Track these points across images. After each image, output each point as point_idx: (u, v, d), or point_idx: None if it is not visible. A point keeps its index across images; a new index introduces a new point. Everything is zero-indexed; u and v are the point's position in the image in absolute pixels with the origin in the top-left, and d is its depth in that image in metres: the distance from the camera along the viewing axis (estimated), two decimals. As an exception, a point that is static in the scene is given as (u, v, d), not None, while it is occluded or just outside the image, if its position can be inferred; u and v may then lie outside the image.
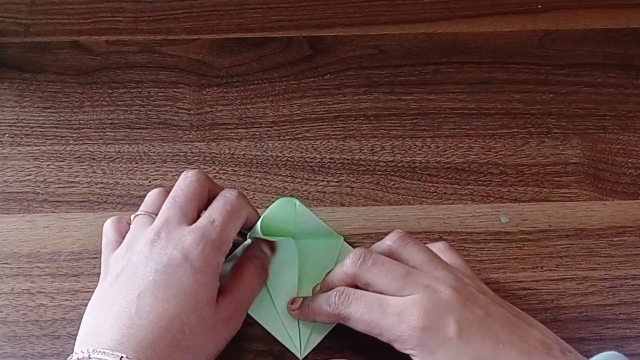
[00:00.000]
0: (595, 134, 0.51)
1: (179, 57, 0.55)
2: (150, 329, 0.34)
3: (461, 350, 0.35)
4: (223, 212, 0.39)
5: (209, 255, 0.37)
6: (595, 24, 0.57)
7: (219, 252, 0.38)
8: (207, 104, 0.52)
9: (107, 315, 0.35)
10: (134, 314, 0.35)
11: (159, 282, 0.36)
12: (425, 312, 0.35)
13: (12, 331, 0.43)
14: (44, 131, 0.51)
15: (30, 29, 0.56)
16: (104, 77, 0.53)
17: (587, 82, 0.53)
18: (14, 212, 0.47)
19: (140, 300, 0.35)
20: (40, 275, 0.45)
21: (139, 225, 0.40)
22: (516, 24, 0.56)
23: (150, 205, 0.41)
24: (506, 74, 0.54)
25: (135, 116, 0.52)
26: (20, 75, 0.53)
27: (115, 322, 0.35)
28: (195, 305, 0.36)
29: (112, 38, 0.55)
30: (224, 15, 0.57)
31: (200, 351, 0.36)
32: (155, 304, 0.35)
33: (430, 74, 0.54)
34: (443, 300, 0.36)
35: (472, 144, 0.50)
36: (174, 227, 0.38)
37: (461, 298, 0.36)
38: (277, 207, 0.41)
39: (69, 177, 0.49)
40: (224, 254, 0.39)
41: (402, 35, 0.56)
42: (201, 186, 0.40)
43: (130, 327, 0.34)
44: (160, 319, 0.35)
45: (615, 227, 0.47)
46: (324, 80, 0.54)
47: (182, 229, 0.38)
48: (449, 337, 0.35)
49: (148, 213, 0.41)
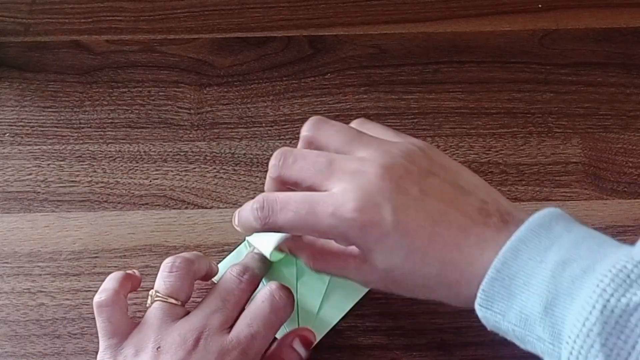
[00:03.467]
0: (595, 134, 0.51)
1: (180, 57, 0.55)
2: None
3: (397, 243, 0.33)
4: (267, 324, 0.37)
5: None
6: (595, 23, 0.57)
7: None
8: (207, 104, 0.52)
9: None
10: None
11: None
12: (357, 205, 0.32)
13: (12, 330, 0.43)
14: (44, 130, 0.51)
15: (31, 28, 0.56)
16: (105, 77, 0.53)
17: (588, 82, 0.53)
18: (14, 212, 0.47)
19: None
20: (41, 275, 0.45)
21: (159, 315, 0.37)
22: (517, 24, 0.56)
23: (170, 287, 0.38)
24: (507, 74, 0.54)
25: (136, 115, 0.52)
26: (21, 75, 0.53)
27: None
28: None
29: (112, 37, 0.55)
30: (225, 15, 0.57)
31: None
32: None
33: (431, 73, 0.54)
34: (374, 183, 0.33)
35: (472, 143, 0.50)
36: (214, 335, 0.36)
37: (392, 177, 0.33)
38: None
39: (70, 177, 0.49)
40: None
41: (402, 34, 0.56)
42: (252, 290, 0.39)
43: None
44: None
45: (616, 226, 0.47)
46: (325, 79, 0.54)
47: (223, 339, 0.36)
48: (386, 232, 0.33)
49: (167, 299, 0.38)
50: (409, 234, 0.33)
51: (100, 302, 0.37)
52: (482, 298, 0.32)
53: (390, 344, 0.42)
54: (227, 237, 0.46)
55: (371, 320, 0.43)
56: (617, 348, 0.27)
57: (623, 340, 0.27)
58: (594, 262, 0.29)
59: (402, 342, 0.42)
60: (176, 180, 0.48)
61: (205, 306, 0.37)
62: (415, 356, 0.41)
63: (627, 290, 0.28)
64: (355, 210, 0.32)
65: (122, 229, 0.46)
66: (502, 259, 0.31)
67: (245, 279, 0.39)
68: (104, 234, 0.46)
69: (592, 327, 0.28)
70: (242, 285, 0.38)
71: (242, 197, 0.48)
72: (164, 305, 0.37)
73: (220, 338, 0.36)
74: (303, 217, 0.34)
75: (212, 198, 0.48)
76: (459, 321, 0.42)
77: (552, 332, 0.30)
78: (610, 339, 0.27)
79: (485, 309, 0.32)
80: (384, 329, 0.42)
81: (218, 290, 0.38)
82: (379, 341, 0.42)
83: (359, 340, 0.42)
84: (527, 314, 0.30)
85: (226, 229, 0.46)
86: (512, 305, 0.31)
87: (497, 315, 0.32)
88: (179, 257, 0.39)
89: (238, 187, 0.48)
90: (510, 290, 0.31)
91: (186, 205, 0.47)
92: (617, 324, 0.27)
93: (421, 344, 0.42)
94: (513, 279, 0.31)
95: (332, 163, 0.34)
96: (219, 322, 0.36)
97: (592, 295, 0.28)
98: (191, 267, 0.38)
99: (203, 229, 0.46)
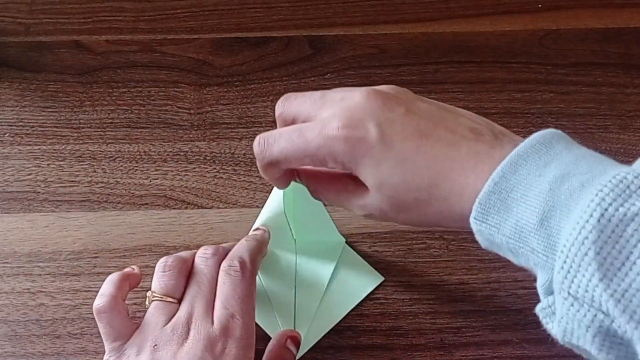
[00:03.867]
0: (596, 134, 0.51)
1: (180, 57, 0.55)
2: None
3: (384, 155, 0.33)
4: (238, 299, 0.38)
5: (239, 355, 0.36)
6: (595, 23, 0.57)
7: (249, 349, 0.37)
8: (207, 104, 0.52)
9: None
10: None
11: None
12: (343, 121, 0.33)
13: (12, 330, 0.43)
14: (44, 130, 0.51)
15: (31, 28, 0.56)
16: (105, 77, 0.53)
17: (588, 82, 0.53)
18: (14, 212, 0.47)
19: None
20: (41, 275, 0.45)
21: (157, 314, 0.38)
22: (517, 24, 0.56)
23: (165, 286, 0.39)
24: (507, 73, 0.54)
25: (136, 115, 0.52)
26: (21, 75, 0.53)
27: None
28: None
29: (112, 37, 0.55)
30: (224, 15, 0.57)
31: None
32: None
33: (431, 73, 0.54)
34: (359, 103, 0.34)
35: (472, 144, 0.50)
36: (201, 322, 0.37)
37: (378, 97, 0.34)
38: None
39: (70, 177, 0.49)
40: (252, 347, 0.38)
41: (402, 34, 0.56)
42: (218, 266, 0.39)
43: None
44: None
45: (615, 226, 0.47)
46: (325, 79, 0.54)
47: (209, 328, 0.37)
48: (371, 145, 0.33)
49: (163, 298, 0.38)
50: (395, 145, 0.33)
51: (98, 308, 0.38)
52: (478, 211, 0.31)
53: (390, 344, 0.42)
54: (227, 237, 0.46)
55: (371, 320, 0.43)
56: (610, 257, 0.27)
57: (617, 250, 0.27)
58: (593, 176, 0.29)
59: (402, 342, 0.42)
60: (176, 181, 0.48)
61: (187, 295, 0.38)
62: (415, 356, 0.41)
63: (625, 201, 0.27)
64: (341, 128, 0.33)
65: (122, 229, 0.46)
66: (500, 172, 0.31)
67: (210, 254, 0.39)
68: (104, 234, 0.46)
69: (587, 235, 0.27)
70: (208, 262, 0.39)
71: (241, 197, 0.48)
72: (161, 304, 0.38)
73: (207, 325, 0.37)
74: (295, 143, 0.34)
75: (211, 198, 0.48)
76: (458, 321, 0.42)
77: (547, 243, 0.29)
78: (605, 248, 0.27)
79: (481, 222, 0.31)
80: (384, 329, 0.42)
81: (193, 277, 0.39)
82: (378, 341, 0.42)
83: (359, 340, 0.42)
84: (522, 226, 0.30)
85: (226, 229, 0.46)
86: (507, 218, 0.31)
87: (491, 227, 0.31)
88: (171, 256, 0.39)
89: (238, 187, 0.48)
90: (506, 204, 0.30)
91: (186, 206, 0.47)
92: (613, 233, 0.27)
93: (421, 344, 0.42)
94: (510, 192, 0.30)
95: (324, 94, 0.35)
96: (202, 306, 0.37)
97: (590, 204, 0.27)
98: (184, 265, 0.39)
99: (203, 229, 0.46)
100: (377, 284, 0.44)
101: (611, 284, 0.27)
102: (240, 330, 0.37)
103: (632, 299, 0.26)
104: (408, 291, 0.44)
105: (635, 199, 0.27)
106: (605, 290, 0.27)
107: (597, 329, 0.27)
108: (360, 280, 0.44)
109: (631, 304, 0.26)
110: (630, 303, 0.26)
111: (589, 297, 0.27)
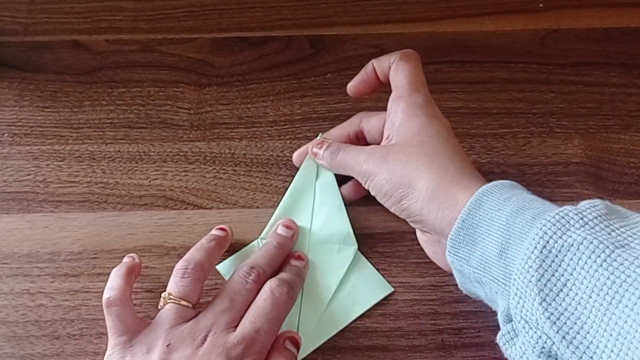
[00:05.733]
0: (597, 134, 0.51)
1: (179, 57, 0.54)
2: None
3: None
4: (270, 320, 0.38)
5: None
6: (597, 23, 0.56)
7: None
8: (207, 104, 0.52)
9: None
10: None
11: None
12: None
13: (11, 331, 0.42)
14: (43, 131, 0.51)
15: (30, 28, 0.56)
16: (104, 77, 0.53)
17: (589, 82, 0.53)
18: (13, 212, 0.47)
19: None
20: (40, 276, 0.44)
21: (171, 316, 0.38)
22: (518, 23, 0.56)
23: (182, 290, 0.39)
24: (508, 73, 0.54)
25: (135, 115, 0.51)
26: (20, 75, 0.53)
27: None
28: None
29: (111, 37, 0.55)
30: (224, 14, 0.57)
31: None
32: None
33: (432, 73, 0.54)
34: None
35: (473, 144, 0.50)
36: (221, 332, 0.37)
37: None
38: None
39: (69, 177, 0.48)
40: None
41: (403, 34, 0.56)
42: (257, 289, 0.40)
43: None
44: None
45: (617, 227, 0.47)
46: (325, 79, 0.53)
47: (229, 336, 0.37)
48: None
49: (180, 302, 0.39)
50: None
51: (110, 301, 0.38)
52: (450, 245, 0.36)
53: (391, 345, 0.42)
54: (227, 237, 0.46)
55: (371, 321, 0.43)
56: (550, 283, 0.30)
57: (556, 277, 0.30)
58: (544, 211, 0.33)
59: (403, 343, 0.42)
60: (176, 181, 0.48)
61: (214, 306, 0.39)
62: (415, 357, 0.41)
63: (564, 233, 0.31)
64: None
65: (122, 229, 0.46)
66: (467, 210, 0.35)
67: (252, 279, 0.40)
68: (104, 234, 0.46)
69: (532, 265, 0.31)
70: (248, 285, 0.40)
71: (241, 198, 0.48)
72: (176, 307, 0.39)
73: (226, 335, 0.37)
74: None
75: (211, 198, 0.48)
76: (459, 322, 0.42)
77: (505, 272, 0.33)
78: (545, 275, 0.30)
79: (453, 255, 0.36)
80: (385, 330, 0.42)
81: (226, 291, 0.40)
82: (379, 342, 0.42)
83: (359, 342, 0.42)
84: (486, 258, 0.34)
85: (226, 230, 0.46)
86: (474, 251, 0.35)
87: (462, 259, 0.36)
88: (191, 261, 0.40)
89: (238, 188, 0.48)
90: (474, 238, 0.35)
91: (186, 206, 0.47)
92: (552, 263, 0.30)
93: (421, 345, 0.42)
94: (476, 228, 0.35)
95: None
96: (226, 321, 0.38)
97: (535, 237, 0.31)
98: (203, 273, 0.40)
99: (203, 229, 0.46)
100: (386, 294, 0.43)
101: (549, 307, 0.30)
102: (260, 346, 0.38)
103: (567, 321, 0.30)
104: (409, 292, 0.44)
105: (573, 231, 0.31)
106: (544, 313, 0.30)
107: (541, 349, 0.31)
108: (369, 289, 0.44)
109: (565, 326, 0.30)
110: (564, 325, 0.30)
111: (534, 320, 0.31)
